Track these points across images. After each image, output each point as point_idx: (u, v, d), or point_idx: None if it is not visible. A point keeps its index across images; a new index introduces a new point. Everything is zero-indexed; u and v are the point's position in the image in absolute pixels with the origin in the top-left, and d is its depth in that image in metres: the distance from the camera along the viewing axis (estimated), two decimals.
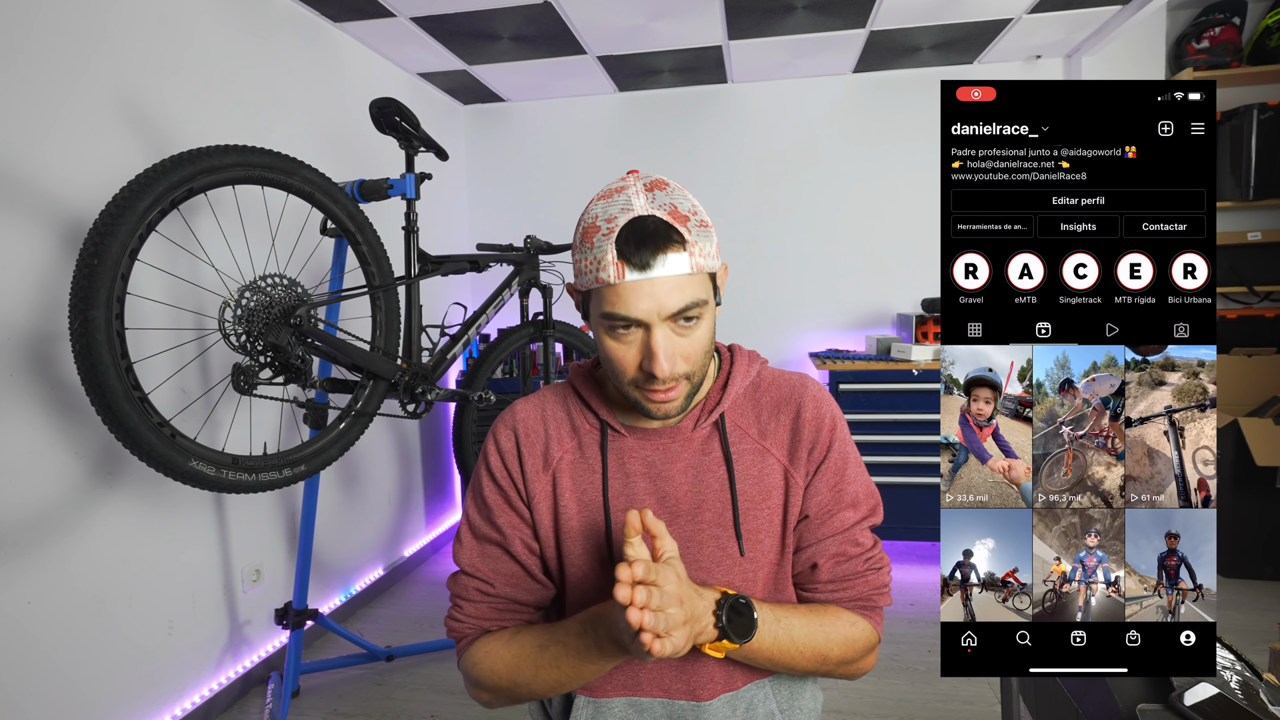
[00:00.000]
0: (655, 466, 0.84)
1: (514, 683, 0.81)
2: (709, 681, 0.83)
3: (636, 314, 0.73)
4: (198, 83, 2.04)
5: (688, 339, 0.76)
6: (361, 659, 2.33)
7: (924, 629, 2.48)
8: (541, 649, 0.79)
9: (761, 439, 0.85)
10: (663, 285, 0.72)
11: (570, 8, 2.57)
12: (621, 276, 0.72)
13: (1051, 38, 2.99)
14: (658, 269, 0.71)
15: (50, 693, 1.61)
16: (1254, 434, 2.62)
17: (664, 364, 0.73)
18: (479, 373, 2.37)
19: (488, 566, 0.86)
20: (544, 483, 0.85)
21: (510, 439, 0.87)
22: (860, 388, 2.99)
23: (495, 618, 0.86)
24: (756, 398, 0.87)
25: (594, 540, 0.84)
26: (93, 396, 1.24)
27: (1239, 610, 2.49)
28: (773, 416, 0.86)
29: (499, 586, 0.85)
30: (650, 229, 0.72)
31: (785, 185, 3.49)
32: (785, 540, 0.85)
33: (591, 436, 0.86)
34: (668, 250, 0.72)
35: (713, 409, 0.84)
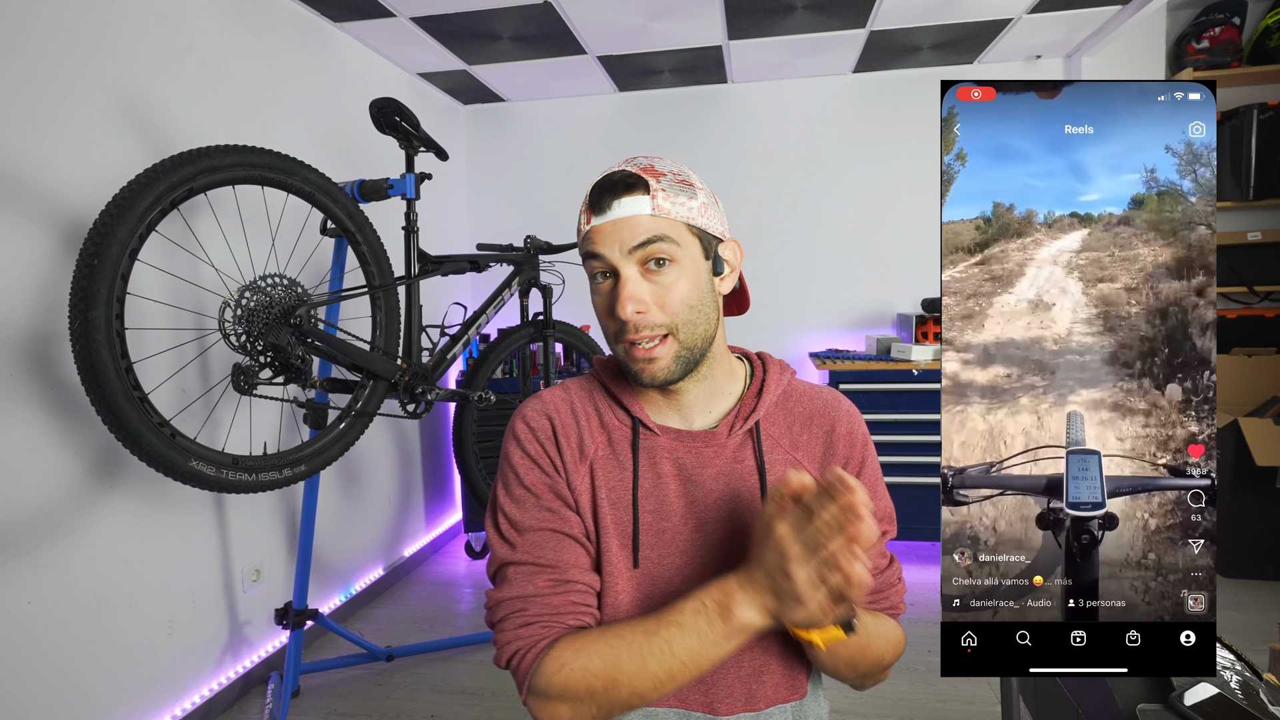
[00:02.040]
0: (687, 469, 0.82)
1: (614, 680, 0.69)
2: (728, 696, 0.81)
3: (600, 250, 0.76)
4: (198, 83, 2.04)
5: (659, 285, 0.76)
6: (361, 659, 2.33)
7: (924, 629, 2.48)
8: (649, 635, 0.69)
9: (793, 450, 0.85)
10: (623, 225, 0.76)
11: (570, 8, 2.57)
12: (589, 222, 0.78)
13: (1051, 38, 2.99)
14: (615, 211, 0.76)
15: (50, 692, 1.61)
16: (1254, 434, 2.62)
17: (626, 304, 0.75)
18: (479, 373, 2.37)
19: (551, 554, 0.77)
20: (583, 474, 0.82)
21: (545, 424, 0.83)
22: (860, 388, 2.99)
23: (573, 610, 0.76)
24: (789, 408, 0.87)
25: (621, 541, 0.81)
26: (93, 396, 1.24)
27: (1239, 610, 2.49)
28: (805, 429, 0.86)
29: (570, 571, 0.77)
30: (614, 179, 0.77)
31: (785, 185, 3.49)
32: None
33: (622, 433, 0.84)
34: (624, 195, 0.76)
35: (748, 415, 0.84)
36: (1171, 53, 3.12)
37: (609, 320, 0.79)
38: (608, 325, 0.80)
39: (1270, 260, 2.96)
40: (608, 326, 0.80)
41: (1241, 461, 2.67)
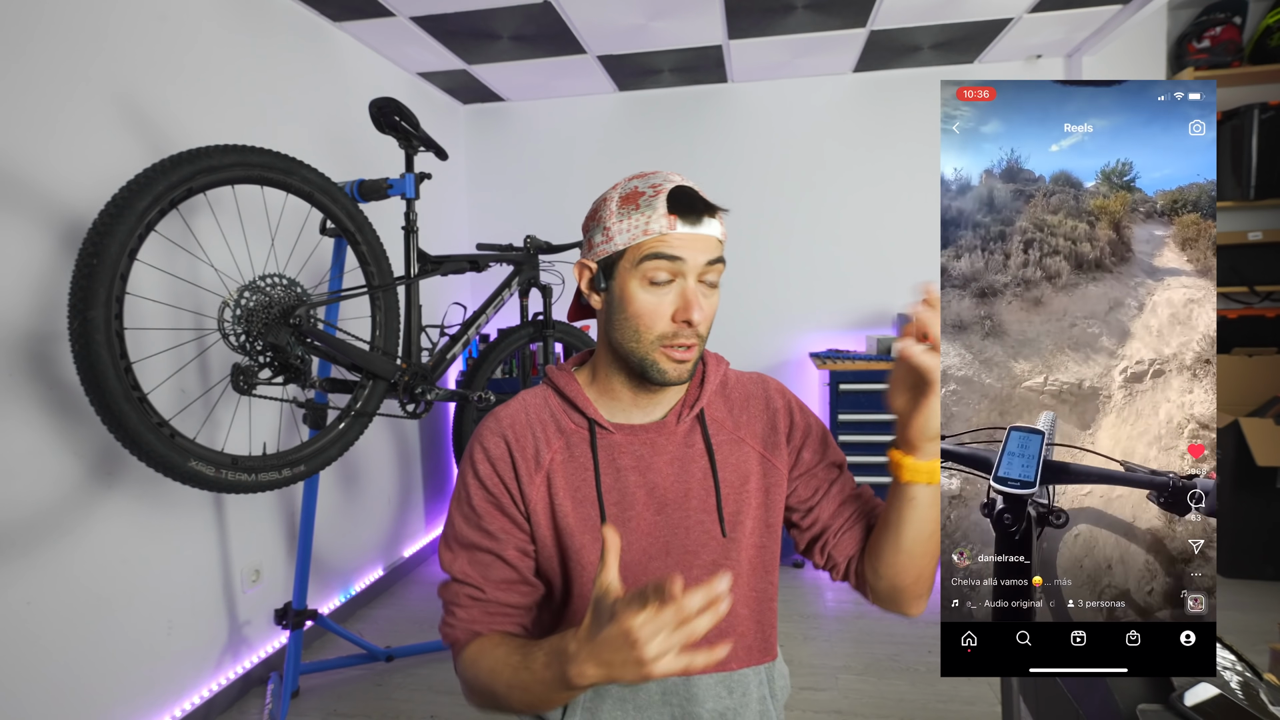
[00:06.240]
0: (644, 460, 0.89)
1: (494, 693, 0.81)
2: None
3: (684, 254, 0.81)
4: (197, 82, 2.04)
5: (709, 302, 0.84)
6: (361, 659, 2.33)
7: (924, 629, 2.48)
8: (516, 671, 0.78)
9: (736, 430, 0.93)
10: (705, 240, 0.82)
11: (570, 7, 2.57)
12: (673, 227, 0.81)
13: (1052, 37, 2.99)
14: (705, 226, 0.82)
15: (50, 692, 1.61)
16: (1254, 434, 2.62)
17: (696, 311, 0.81)
18: (479, 373, 2.37)
19: (478, 572, 0.87)
20: (538, 485, 0.88)
21: (500, 445, 0.88)
22: (860, 388, 2.99)
23: (486, 621, 0.87)
24: (726, 394, 0.95)
25: (591, 534, 0.87)
26: (92, 397, 1.23)
27: (1239, 610, 2.49)
28: (744, 409, 0.94)
29: (490, 591, 0.87)
30: (697, 194, 0.83)
31: (785, 185, 3.49)
32: (769, 521, 0.91)
33: (579, 435, 0.89)
34: (712, 214, 0.83)
35: (693, 404, 0.91)
36: (1172, 52, 3.12)
37: (661, 321, 0.82)
38: (654, 325, 0.82)
39: (1270, 260, 2.96)
40: (653, 327, 0.82)
41: (1241, 461, 2.66)
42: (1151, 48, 3.11)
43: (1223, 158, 2.94)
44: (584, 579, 0.87)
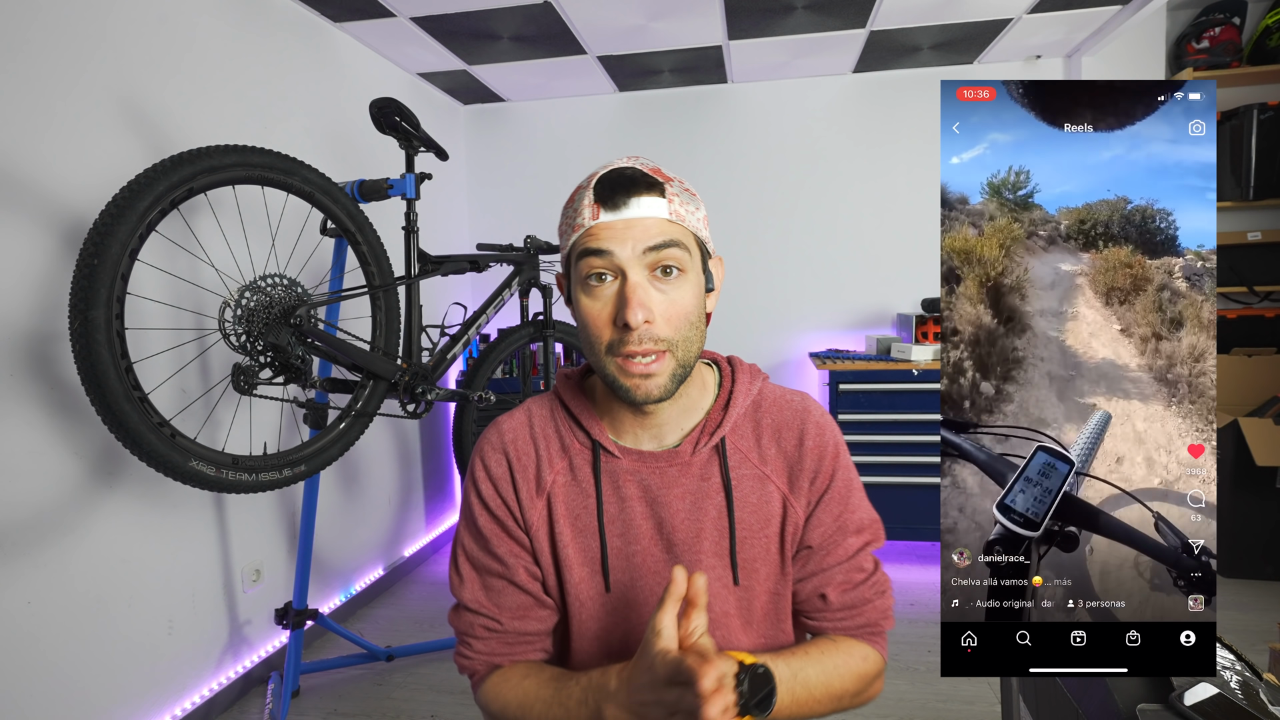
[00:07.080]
0: (652, 491, 0.80)
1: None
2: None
3: (609, 246, 0.70)
4: (198, 83, 2.04)
5: (667, 296, 0.72)
6: (361, 659, 2.33)
7: (924, 629, 2.48)
8: (548, 706, 0.74)
9: (761, 464, 0.82)
10: (639, 225, 0.71)
11: (570, 8, 2.57)
12: (596, 217, 0.71)
13: (1051, 38, 2.99)
14: (633, 209, 0.71)
15: (50, 692, 1.61)
16: (1254, 434, 2.62)
17: (636, 310, 0.69)
18: (479, 373, 2.37)
19: (492, 601, 0.82)
20: (539, 509, 0.82)
21: (501, 464, 0.82)
22: (860, 388, 2.99)
23: (506, 652, 0.82)
24: (757, 418, 0.83)
25: (591, 568, 0.81)
26: (93, 397, 1.23)
27: (1239, 610, 2.49)
28: (773, 441, 0.82)
29: (506, 622, 0.82)
30: (627, 174, 0.72)
31: (785, 185, 3.49)
32: (784, 569, 0.83)
33: (583, 457, 0.82)
34: (642, 194, 0.71)
35: (714, 431, 0.81)
36: (1171, 53, 3.12)
37: (605, 329, 0.72)
38: (601, 335, 0.73)
39: (1270, 260, 2.96)
40: (600, 336, 0.73)
41: (1241, 461, 2.67)
42: (1151, 48, 3.11)
43: (1222, 158, 2.94)
44: (581, 614, 0.81)
